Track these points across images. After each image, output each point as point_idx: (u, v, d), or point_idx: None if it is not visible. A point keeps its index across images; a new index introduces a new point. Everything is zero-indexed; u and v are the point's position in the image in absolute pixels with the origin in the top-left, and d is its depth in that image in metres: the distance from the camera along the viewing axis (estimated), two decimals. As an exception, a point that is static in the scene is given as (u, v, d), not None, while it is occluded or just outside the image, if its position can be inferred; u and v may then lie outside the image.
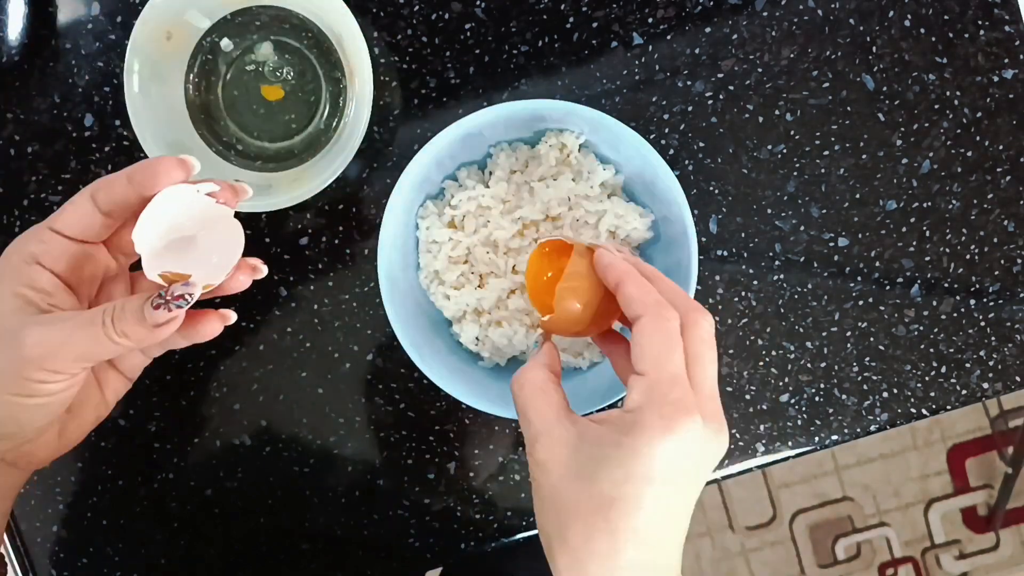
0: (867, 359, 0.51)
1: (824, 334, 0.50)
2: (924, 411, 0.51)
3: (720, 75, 0.49)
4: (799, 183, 0.50)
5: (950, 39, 0.49)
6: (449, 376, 0.44)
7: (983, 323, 0.51)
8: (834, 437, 0.51)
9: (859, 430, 0.51)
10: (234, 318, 0.37)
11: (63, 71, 0.49)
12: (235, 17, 0.47)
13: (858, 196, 0.50)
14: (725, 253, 0.50)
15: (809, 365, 0.50)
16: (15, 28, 0.49)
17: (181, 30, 0.46)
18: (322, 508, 0.51)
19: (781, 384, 0.50)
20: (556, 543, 0.33)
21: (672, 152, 0.50)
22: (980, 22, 0.49)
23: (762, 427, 0.51)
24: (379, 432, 0.51)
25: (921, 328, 0.51)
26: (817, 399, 0.51)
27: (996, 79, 0.50)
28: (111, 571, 0.51)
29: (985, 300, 0.51)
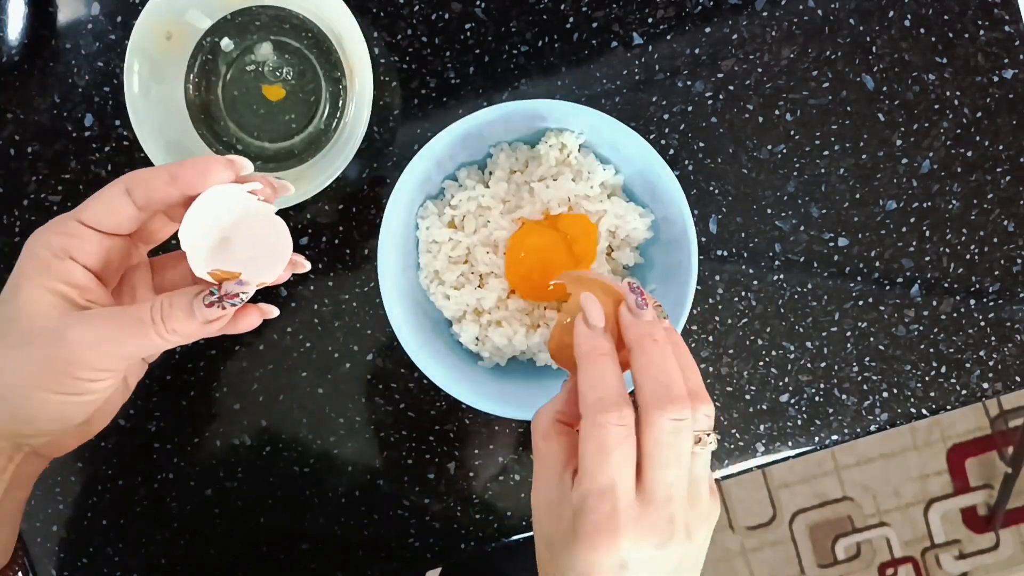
0: (867, 359, 0.51)
1: (824, 334, 0.50)
2: (924, 411, 0.51)
3: (720, 75, 0.49)
4: (799, 183, 0.50)
5: (950, 39, 0.49)
6: (449, 376, 0.44)
7: (983, 323, 0.51)
8: (834, 437, 0.51)
9: (859, 430, 0.51)
10: (275, 313, 0.37)
11: (63, 71, 0.49)
12: (235, 17, 0.47)
13: (858, 196, 0.50)
14: (725, 253, 0.50)
15: (809, 365, 0.50)
16: (15, 28, 0.49)
17: (181, 30, 0.46)
18: (322, 508, 0.51)
19: (781, 384, 0.50)
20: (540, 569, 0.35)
21: (672, 152, 0.50)
22: (980, 22, 0.49)
23: (762, 427, 0.51)
24: (379, 432, 0.51)
25: (921, 328, 0.51)
26: (817, 399, 0.51)
27: (996, 79, 0.50)
28: (111, 571, 0.51)
29: (985, 300, 0.51)
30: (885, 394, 0.51)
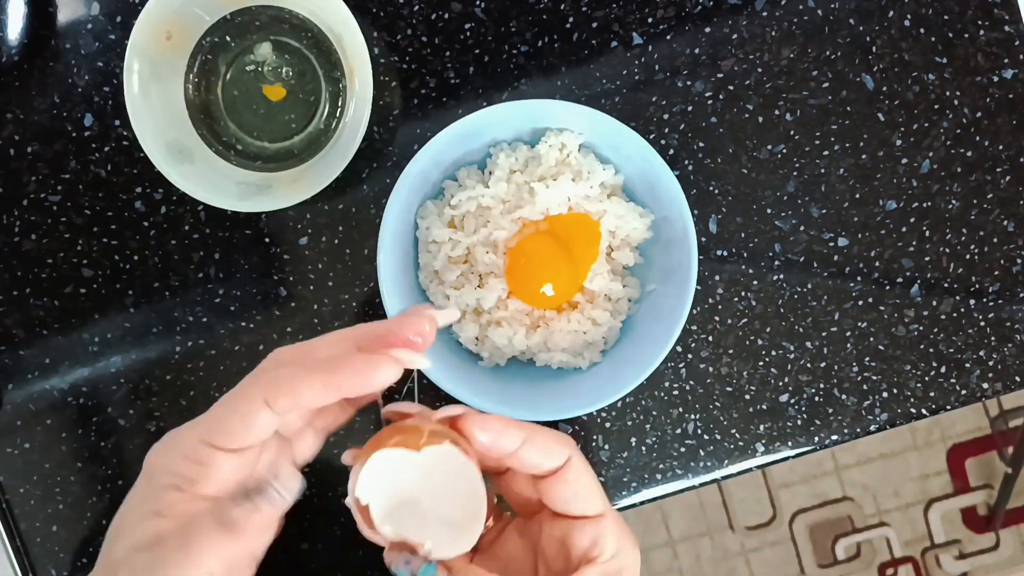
0: (867, 359, 0.51)
1: (824, 334, 0.50)
2: (924, 411, 0.51)
3: (720, 75, 0.49)
4: (799, 183, 0.50)
5: (950, 39, 0.49)
6: (449, 376, 0.44)
7: (983, 323, 0.51)
8: (834, 437, 0.51)
9: (859, 430, 0.51)
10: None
11: (63, 71, 0.49)
12: (235, 17, 0.47)
13: (858, 196, 0.50)
14: (725, 253, 0.50)
15: (809, 365, 0.50)
16: (15, 28, 0.49)
17: (181, 30, 0.46)
18: (322, 508, 0.51)
19: (781, 384, 0.50)
20: None
21: (672, 152, 0.50)
22: (980, 22, 0.49)
23: (762, 427, 0.51)
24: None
25: (921, 328, 0.51)
26: (817, 399, 0.51)
27: (996, 79, 0.50)
28: (111, 571, 0.51)
29: (985, 300, 0.51)
30: (885, 394, 0.51)
